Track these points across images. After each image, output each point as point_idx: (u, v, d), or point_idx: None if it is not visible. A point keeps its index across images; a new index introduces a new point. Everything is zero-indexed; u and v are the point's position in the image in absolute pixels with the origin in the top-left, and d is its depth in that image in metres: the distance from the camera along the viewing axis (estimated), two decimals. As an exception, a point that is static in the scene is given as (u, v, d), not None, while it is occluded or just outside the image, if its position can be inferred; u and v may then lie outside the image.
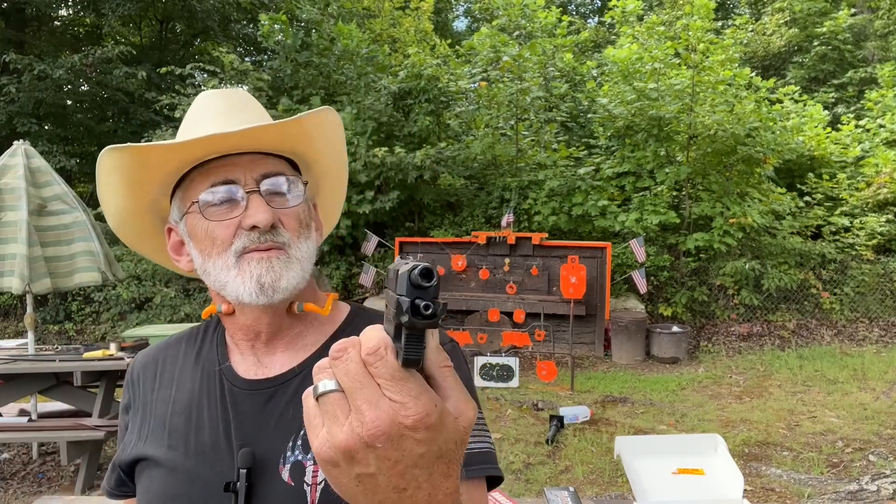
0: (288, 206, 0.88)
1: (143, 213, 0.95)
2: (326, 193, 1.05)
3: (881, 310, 9.14)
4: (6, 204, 4.34)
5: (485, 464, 0.85)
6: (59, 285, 4.50)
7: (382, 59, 11.15)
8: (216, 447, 0.86)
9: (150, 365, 0.99)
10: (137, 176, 0.89)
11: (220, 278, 0.86)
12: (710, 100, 9.47)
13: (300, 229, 0.89)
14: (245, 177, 0.86)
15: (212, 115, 0.91)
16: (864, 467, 4.54)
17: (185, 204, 0.89)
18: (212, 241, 0.86)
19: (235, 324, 0.92)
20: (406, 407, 0.46)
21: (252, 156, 0.88)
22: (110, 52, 11.05)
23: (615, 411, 5.98)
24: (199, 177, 0.87)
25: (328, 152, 0.98)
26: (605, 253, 8.36)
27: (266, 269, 0.84)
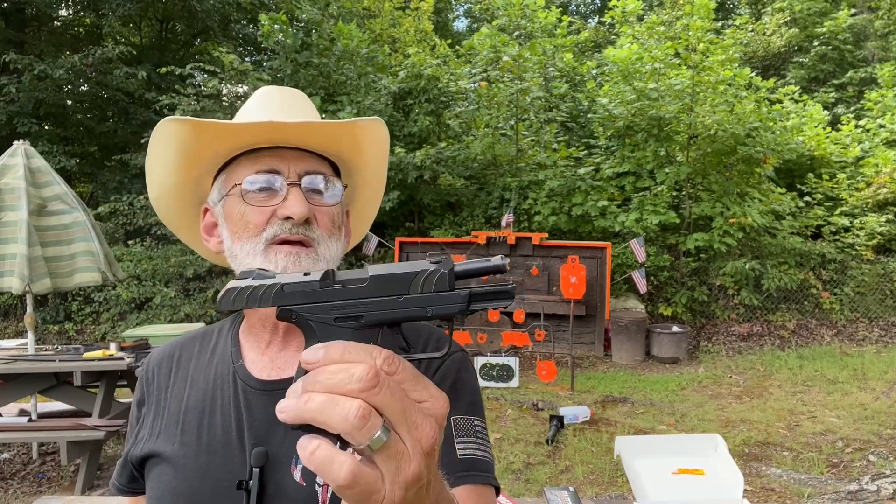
0: (324, 205, 0.90)
1: (186, 188, 0.98)
2: (361, 203, 1.07)
3: (881, 310, 9.14)
4: (6, 204, 4.34)
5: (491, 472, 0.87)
6: (59, 285, 4.49)
7: (382, 59, 11.15)
8: (228, 445, 0.87)
9: (166, 361, 1.00)
10: (191, 149, 0.91)
11: (245, 262, 0.87)
12: (710, 100, 9.47)
13: (332, 229, 0.91)
14: (289, 169, 0.89)
15: (270, 107, 0.94)
16: (864, 467, 4.54)
17: (226, 186, 0.91)
18: (245, 224, 0.88)
19: (255, 316, 0.94)
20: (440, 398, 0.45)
21: (299, 151, 0.90)
22: (110, 52, 11.05)
23: (615, 411, 5.98)
24: (246, 162, 0.90)
25: (371, 163, 0.99)
26: (605, 253, 8.36)
27: (293, 262, 0.85)
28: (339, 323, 0.49)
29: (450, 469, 0.82)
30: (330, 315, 0.49)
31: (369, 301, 0.49)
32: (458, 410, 0.88)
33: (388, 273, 0.48)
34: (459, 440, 0.85)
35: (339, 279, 0.50)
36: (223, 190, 0.92)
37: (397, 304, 0.48)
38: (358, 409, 0.41)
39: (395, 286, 0.48)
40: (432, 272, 0.47)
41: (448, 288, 0.47)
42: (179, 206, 1.00)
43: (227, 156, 0.92)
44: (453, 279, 0.47)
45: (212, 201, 0.95)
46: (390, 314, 0.48)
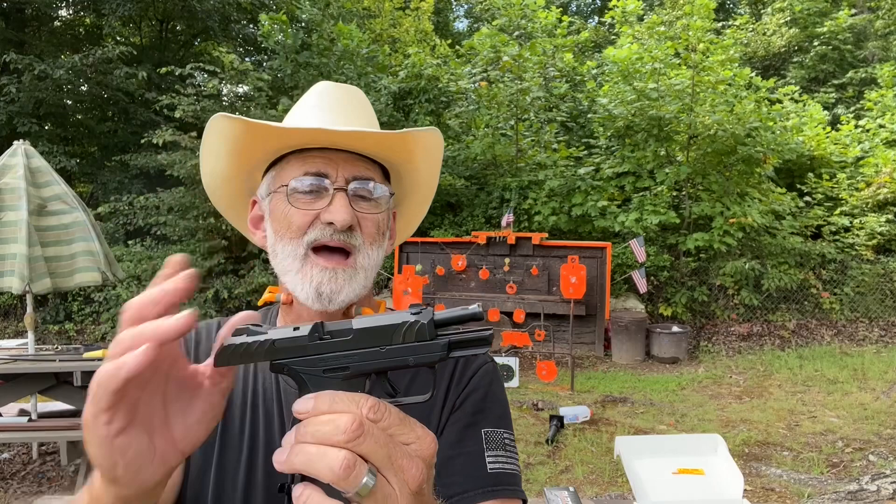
0: (370, 212, 0.89)
1: (238, 180, 0.98)
2: (410, 206, 1.06)
3: (881, 310, 9.14)
4: (6, 204, 4.34)
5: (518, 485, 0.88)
6: (59, 285, 4.49)
7: (382, 60, 11.15)
8: (270, 446, 0.86)
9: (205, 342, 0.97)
10: (241, 145, 0.92)
11: (284, 264, 0.87)
12: (710, 100, 9.47)
13: (376, 236, 0.89)
14: (337, 173, 0.87)
15: (326, 107, 0.93)
16: (864, 467, 4.54)
17: (275, 183, 0.91)
18: (288, 224, 0.87)
19: (293, 314, 0.94)
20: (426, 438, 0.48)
21: (350, 155, 0.89)
22: (111, 53, 11.04)
23: (615, 411, 5.98)
24: (295, 161, 0.89)
25: (423, 170, 0.99)
26: (605, 253, 8.36)
27: (329, 279, 0.84)
28: (328, 374, 0.53)
29: (481, 483, 0.84)
30: (319, 367, 0.53)
31: (355, 353, 0.53)
32: (489, 423, 0.89)
33: (372, 326, 0.52)
34: (489, 453, 0.86)
35: (328, 329, 0.54)
36: (272, 186, 0.92)
37: (381, 354, 0.52)
38: (343, 460, 0.44)
39: (378, 338, 0.52)
40: (412, 324, 0.51)
41: (428, 338, 0.51)
42: (230, 195, 1.01)
43: (278, 153, 0.92)
44: (433, 329, 0.51)
45: (260, 195, 0.95)
46: (374, 364, 0.52)
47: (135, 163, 10.48)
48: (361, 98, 0.99)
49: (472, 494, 0.82)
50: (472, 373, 0.93)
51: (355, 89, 1.00)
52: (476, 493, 0.83)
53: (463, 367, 0.94)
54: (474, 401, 0.90)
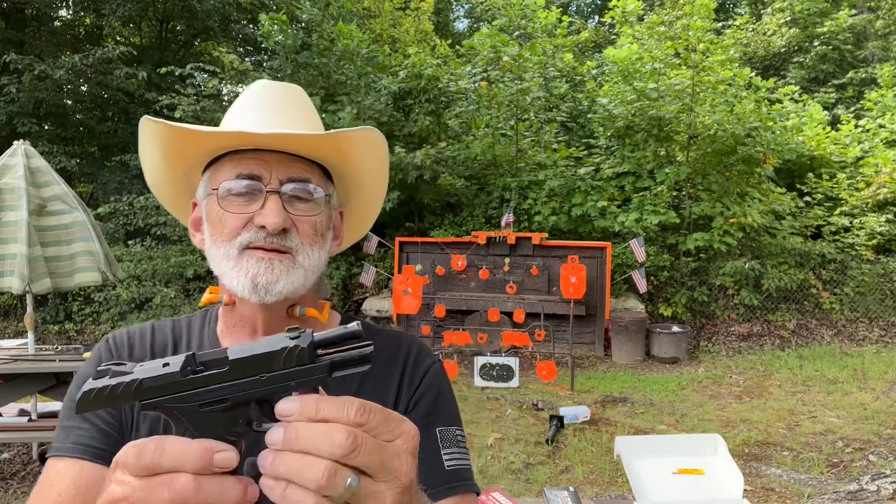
0: (305, 214, 0.88)
1: (177, 182, 0.97)
2: (360, 204, 1.04)
3: (881, 310, 9.14)
4: (6, 204, 4.33)
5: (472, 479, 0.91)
6: (59, 285, 4.49)
7: (382, 60, 11.15)
8: None
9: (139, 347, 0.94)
10: (172, 149, 0.91)
11: (220, 266, 0.87)
12: (710, 100, 9.47)
13: (314, 237, 0.89)
14: (271, 175, 0.86)
15: (261, 106, 0.92)
16: (864, 467, 4.54)
17: (209, 185, 0.90)
18: (221, 228, 0.87)
19: (235, 316, 0.93)
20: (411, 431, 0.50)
21: (284, 156, 0.88)
22: (111, 53, 11.05)
23: (615, 411, 5.98)
24: (229, 163, 0.88)
25: (363, 169, 0.97)
26: (605, 253, 8.36)
27: (265, 269, 0.84)
28: (205, 409, 0.51)
29: (440, 480, 0.86)
30: (195, 402, 0.51)
31: (233, 384, 0.50)
32: (443, 422, 0.91)
33: (249, 356, 0.50)
34: (445, 451, 0.88)
35: (201, 360, 0.51)
36: (207, 188, 0.91)
37: (260, 382, 0.50)
38: (326, 470, 0.45)
39: (257, 367, 0.50)
40: (291, 349, 0.49)
41: (308, 361, 0.49)
42: (174, 195, 1.00)
43: (211, 155, 0.90)
44: (313, 352, 0.49)
45: (199, 197, 0.94)
46: (255, 393, 0.50)
47: (135, 163, 10.47)
48: (300, 96, 0.97)
49: (433, 493, 0.85)
50: (422, 374, 0.95)
51: (294, 87, 0.98)
52: (437, 490, 0.85)
53: (413, 370, 0.95)
54: (427, 402, 0.92)
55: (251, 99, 0.94)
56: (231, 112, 0.95)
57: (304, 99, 0.97)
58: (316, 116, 0.98)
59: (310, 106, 0.98)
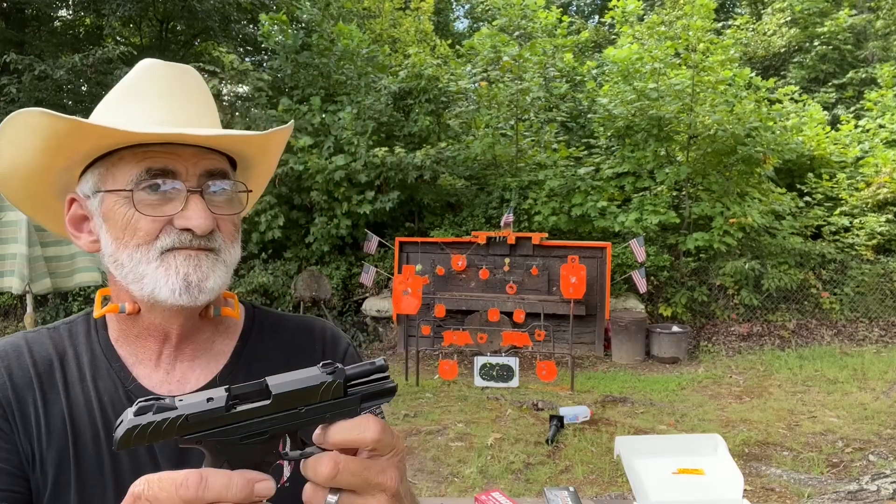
0: (228, 213, 0.82)
1: (47, 176, 0.83)
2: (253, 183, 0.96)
3: (881, 310, 9.14)
4: (6, 204, 4.34)
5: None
6: (59, 285, 4.50)
7: (383, 60, 11.15)
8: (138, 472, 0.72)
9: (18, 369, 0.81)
10: (61, 142, 0.77)
11: (136, 270, 0.78)
12: (710, 100, 9.47)
13: (234, 233, 0.84)
14: (187, 171, 0.78)
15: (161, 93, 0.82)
16: (864, 467, 4.54)
17: (104, 181, 0.79)
18: (133, 231, 0.77)
19: (139, 325, 0.83)
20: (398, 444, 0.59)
21: (197, 148, 0.80)
22: (111, 53, 11.04)
23: (615, 411, 5.98)
24: (130, 157, 0.77)
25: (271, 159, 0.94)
26: (605, 253, 8.36)
27: (194, 266, 0.78)
28: (246, 441, 0.54)
29: None
30: (237, 435, 0.53)
31: (273, 417, 0.54)
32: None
33: (291, 390, 0.54)
34: None
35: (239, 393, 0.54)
36: (101, 185, 0.80)
37: (300, 415, 0.55)
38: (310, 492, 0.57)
39: (296, 401, 0.54)
40: (329, 384, 0.55)
41: (343, 394, 0.55)
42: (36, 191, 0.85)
43: (107, 149, 0.79)
44: (345, 386, 0.56)
45: (83, 193, 0.82)
46: (294, 425, 0.55)
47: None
48: (198, 80, 0.88)
49: None
50: (340, 358, 0.95)
51: (189, 69, 0.88)
52: None
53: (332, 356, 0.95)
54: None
55: (150, 83, 0.83)
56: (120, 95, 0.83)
57: (202, 83, 0.89)
58: (212, 101, 0.90)
59: (206, 89, 0.89)
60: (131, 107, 0.81)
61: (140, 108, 0.81)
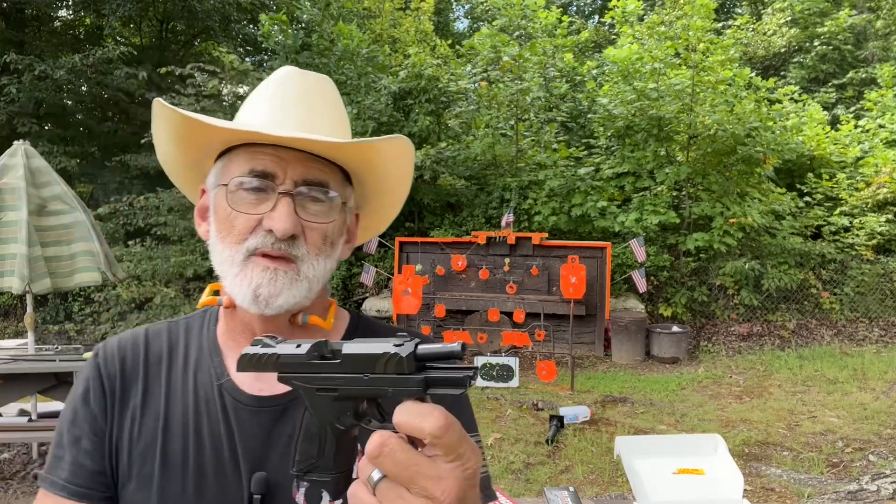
0: (317, 221, 0.82)
1: (188, 166, 0.92)
2: (379, 207, 0.98)
3: (881, 310, 9.14)
4: (6, 204, 4.34)
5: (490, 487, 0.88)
6: (59, 285, 4.49)
7: (383, 60, 11.15)
8: (221, 471, 0.80)
9: (131, 360, 0.88)
10: (185, 135, 0.86)
11: (223, 268, 0.82)
12: (710, 100, 9.47)
13: (322, 246, 0.83)
14: (285, 175, 0.80)
15: (284, 98, 0.85)
16: (864, 467, 4.54)
17: (221, 176, 0.84)
18: (230, 227, 0.81)
19: (237, 320, 0.87)
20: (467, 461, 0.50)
21: (303, 154, 0.81)
22: (111, 53, 11.05)
23: (615, 411, 5.98)
24: (243, 155, 0.82)
25: (391, 176, 0.92)
26: (605, 253, 8.36)
27: (268, 280, 0.79)
28: (320, 393, 0.56)
29: None
30: (314, 385, 0.56)
31: (342, 377, 0.54)
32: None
33: (357, 353, 0.54)
34: None
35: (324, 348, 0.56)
36: (218, 178, 0.85)
37: (363, 382, 0.53)
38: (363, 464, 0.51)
39: (362, 365, 0.53)
40: (392, 356, 0.51)
41: (406, 371, 0.51)
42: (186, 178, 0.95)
43: (226, 145, 0.85)
44: (412, 363, 0.51)
45: (209, 185, 0.87)
46: (358, 391, 0.54)
47: (135, 163, 10.49)
48: (328, 90, 0.89)
49: None
50: None
51: (323, 78, 0.90)
52: None
53: None
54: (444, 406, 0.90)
55: (274, 87, 0.87)
56: (252, 99, 0.89)
57: (333, 93, 0.90)
58: (343, 112, 0.91)
59: (337, 99, 0.91)
60: (259, 107, 0.86)
61: (264, 109, 0.85)
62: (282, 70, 0.89)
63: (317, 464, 0.58)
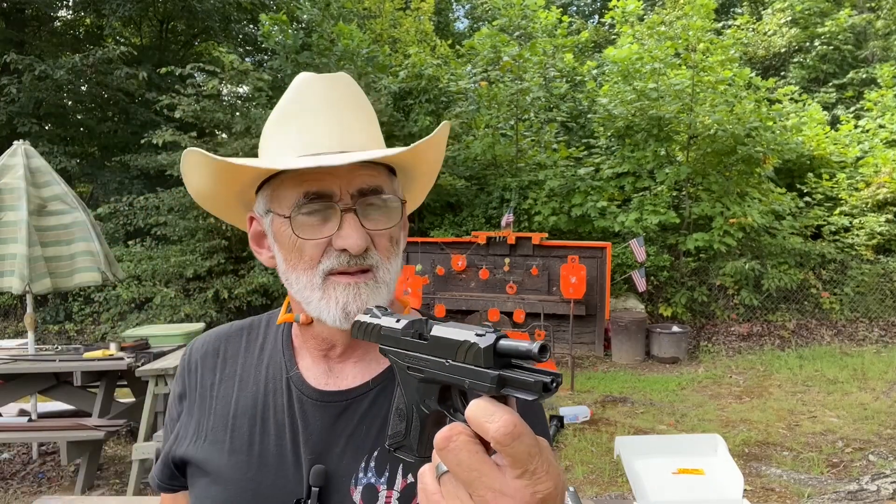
0: (382, 228, 0.83)
1: (229, 199, 0.92)
2: (415, 185, 0.99)
3: (881, 310, 9.14)
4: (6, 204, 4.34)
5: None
6: (59, 285, 4.50)
7: (383, 60, 11.16)
8: (282, 460, 0.83)
9: (211, 354, 0.94)
10: (220, 174, 0.85)
11: (303, 294, 0.82)
12: (710, 100, 9.47)
13: (391, 248, 0.85)
14: (342, 190, 0.80)
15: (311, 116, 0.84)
16: (864, 467, 4.54)
17: (272, 203, 0.84)
18: (299, 254, 0.81)
19: (310, 333, 0.89)
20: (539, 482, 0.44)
21: (352, 164, 0.81)
22: (111, 53, 11.04)
23: (615, 411, 5.98)
24: (291, 179, 0.81)
25: (431, 160, 0.94)
26: (605, 253, 8.36)
27: (353, 296, 0.80)
28: (410, 372, 0.56)
29: None
30: (405, 362, 0.56)
31: (427, 359, 0.53)
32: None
33: (442, 336, 0.52)
34: None
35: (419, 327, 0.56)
36: (269, 205, 0.84)
37: (445, 368, 0.51)
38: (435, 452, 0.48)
39: (445, 351, 0.51)
40: (470, 345, 0.48)
41: (483, 364, 0.47)
42: (229, 208, 0.94)
43: (269, 174, 0.84)
44: (490, 356, 0.47)
45: (258, 213, 0.87)
46: (440, 376, 0.52)
47: (135, 163, 10.48)
48: (353, 88, 0.88)
49: None
50: None
51: (343, 77, 0.88)
52: None
53: None
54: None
55: (298, 101, 0.86)
56: (278, 119, 0.86)
57: (355, 89, 0.89)
58: (368, 107, 0.90)
59: (360, 96, 0.89)
60: (291, 127, 0.84)
61: (297, 128, 0.84)
62: (299, 79, 0.88)
63: (403, 442, 0.57)
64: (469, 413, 0.46)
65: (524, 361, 0.47)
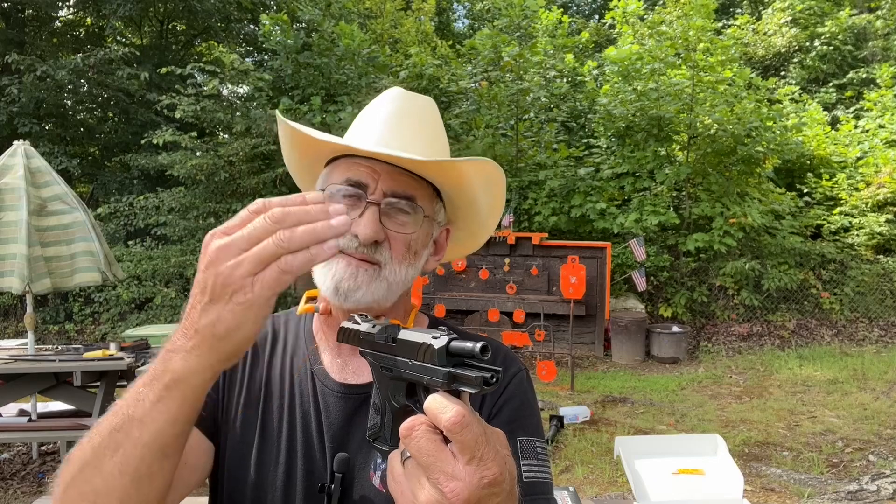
0: (400, 231, 0.89)
1: (303, 168, 1.03)
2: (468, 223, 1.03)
3: (881, 310, 9.14)
4: (6, 204, 4.34)
5: (550, 493, 0.89)
6: (59, 285, 4.49)
7: (383, 60, 11.16)
8: (309, 446, 0.89)
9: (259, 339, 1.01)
10: (297, 141, 0.97)
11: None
12: (710, 100, 9.48)
13: (406, 255, 0.89)
14: (376, 186, 0.88)
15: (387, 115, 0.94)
16: (864, 467, 4.54)
17: (326, 181, 0.94)
18: None
19: (329, 323, 0.96)
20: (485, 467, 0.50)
21: (395, 168, 0.88)
22: (112, 53, 11.04)
23: (615, 411, 5.98)
24: (344, 165, 0.91)
25: (475, 197, 0.97)
26: (605, 253, 8.36)
27: (349, 275, 0.86)
28: (383, 370, 0.61)
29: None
30: (379, 363, 0.62)
31: (396, 360, 0.59)
32: (524, 432, 0.89)
33: (406, 339, 0.58)
34: (524, 463, 0.87)
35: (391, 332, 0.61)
36: (322, 182, 0.95)
37: (409, 367, 0.57)
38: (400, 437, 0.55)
39: (409, 352, 0.57)
40: (428, 346, 0.54)
41: (437, 363, 0.53)
42: (302, 177, 1.06)
43: (333, 154, 0.93)
44: (443, 356, 0.53)
45: (318, 187, 0.97)
46: (405, 374, 0.58)
47: (135, 163, 10.49)
48: (429, 111, 0.98)
49: None
50: (507, 381, 0.94)
51: (426, 101, 0.99)
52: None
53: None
54: (510, 409, 0.91)
55: (377, 105, 0.97)
56: (362, 115, 0.98)
57: (433, 114, 0.99)
58: (441, 133, 0.99)
59: (436, 120, 0.99)
60: (366, 120, 0.96)
61: (369, 123, 0.95)
62: (391, 91, 0.99)
63: (379, 433, 0.63)
64: (427, 406, 0.52)
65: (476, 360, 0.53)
